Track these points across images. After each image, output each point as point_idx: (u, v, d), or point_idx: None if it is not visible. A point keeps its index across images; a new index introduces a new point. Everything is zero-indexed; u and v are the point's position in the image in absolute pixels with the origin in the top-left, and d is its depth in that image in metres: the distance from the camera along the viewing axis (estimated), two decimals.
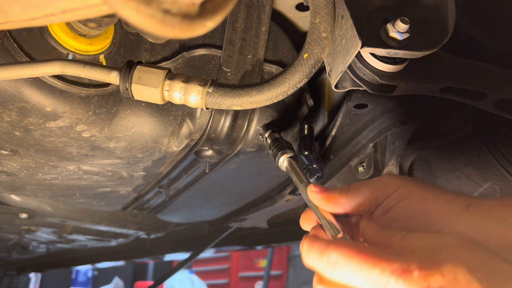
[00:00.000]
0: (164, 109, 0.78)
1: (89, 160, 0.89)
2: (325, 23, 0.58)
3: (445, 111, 0.94)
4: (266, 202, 1.30)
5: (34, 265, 3.24)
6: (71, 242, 2.13)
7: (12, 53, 0.63)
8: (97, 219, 1.62)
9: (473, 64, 0.64)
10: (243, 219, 1.55)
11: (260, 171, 1.05)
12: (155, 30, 0.26)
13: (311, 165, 0.93)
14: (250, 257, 5.06)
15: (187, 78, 0.61)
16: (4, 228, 1.82)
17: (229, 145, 0.85)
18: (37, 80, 0.66)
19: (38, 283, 5.01)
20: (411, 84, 0.62)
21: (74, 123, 0.72)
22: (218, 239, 1.98)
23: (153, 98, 0.61)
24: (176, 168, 1.02)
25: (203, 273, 5.44)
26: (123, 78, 0.60)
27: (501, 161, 0.86)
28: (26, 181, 1.03)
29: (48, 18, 0.30)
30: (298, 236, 1.82)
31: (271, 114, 0.83)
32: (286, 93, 0.62)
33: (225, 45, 0.77)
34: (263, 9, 0.78)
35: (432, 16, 0.61)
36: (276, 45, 0.84)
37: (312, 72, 0.61)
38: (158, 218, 1.61)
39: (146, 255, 2.42)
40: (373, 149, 1.11)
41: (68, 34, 0.66)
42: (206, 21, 0.27)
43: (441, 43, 0.58)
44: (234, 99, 0.61)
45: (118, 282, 5.37)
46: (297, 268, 4.25)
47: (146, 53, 0.76)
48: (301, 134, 0.90)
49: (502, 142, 0.86)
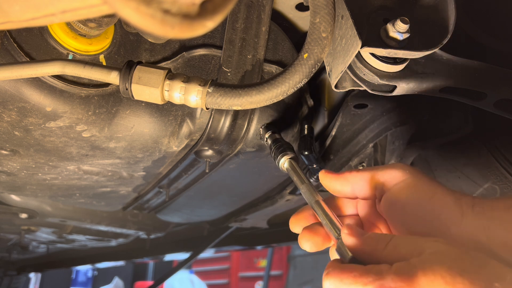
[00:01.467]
0: (164, 109, 0.78)
1: (89, 160, 0.89)
2: (325, 23, 0.58)
3: (445, 111, 0.94)
4: (266, 202, 1.30)
5: (34, 265, 3.24)
6: (71, 242, 2.13)
7: (12, 53, 0.63)
8: (97, 219, 1.62)
9: (473, 64, 0.64)
10: (243, 219, 1.55)
11: (260, 171, 1.05)
12: (155, 30, 0.26)
13: (311, 165, 0.93)
14: (250, 257, 5.06)
15: (187, 78, 0.61)
16: (4, 228, 1.82)
17: (229, 145, 0.85)
18: (37, 80, 0.66)
19: (38, 283, 5.01)
20: (411, 84, 0.62)
21: (74, 123, 0.72)
22: (218, 239, 1.98)
23: (153, 98, 0.61)
24: (176, 168, 1.02)
25: (203, 273, 5.45)
26: (123, 78, 0.60)
27: (501, 161, 0.86)
28: (26, 181, 1.03)
29: (48, 18, 0.30)
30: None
31: (271, 114, 0.83)
32: (286, 93, 0.62)
33: (225, 45, 0.77)
34: (263, 9, 0.78)
35: (432, 16, 0.61)
36: (276, 45, 0.84)
37: (312, 72, 0.61)
38: (158, 218, 1.61)
39: (146, 255, 2.42)
40: (373, 149, 1.11)
41: (68, 34, 0.66)
42: (206, 21, 0.27)
43: (441, 43, 0.58)
44: (234, 99, 0.61)
45: (118, 282, 5.37)
46: (297, 268, 4.25)
47: (146, 53, 0.76)
48: (301, 134, 0.90)
49: (502, 142, 0.86)
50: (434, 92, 0.64)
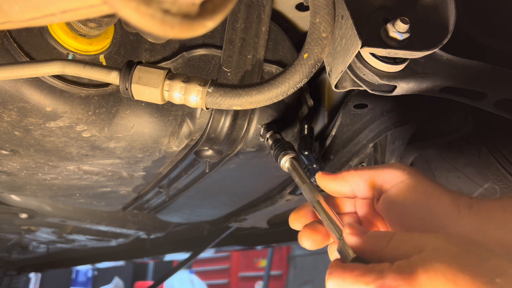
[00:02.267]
0: (164, 109, 0.78)
1: (89, 160, 0.89)
2: (325, 23, 0.58)
3: (445, 111, 0.94)
4: (266, 202, 1.30)
5: (34, 265, 3.24)
6: (71, 242, 2.13)
7: (12, 53, 0.63)
8: (97, 219, 1.62)
9: (473, 64, 0.64)
10: (243, 219, 1.55)
11: (260, 171, 1.05)
12: (155, 30, 0.26)
13: (311, 165, 0.93)
14: (250, 257, 5.06)
15: (187, 78, 0.61)
16: (4, 228, 1.82)
17: (229, 145, 0.85)
18: (37, 80, 0.66)
19: (38, 283, 5.01)
20: (411, 84, 0.62)
21: (74, 123, 0.72)
22: (218, 239, 1.98)
23: (153, 98, 0.61)
24: (176, 168, 1.02)
25: (203, 273, 5.44)
26: (123, 78, 0.60)
27: (501, 161, 0.86)
28: (26, 181, 1.03)
29: (48, 18, 0.30)
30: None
31: (271, 114, 0.83)
32: (286, 93, 0.62)
33: (225, 45, 0.77)
34: (263, 9, 0.78)
35: (432, 16, 0.61)
36: (276, 45, 0.84)
37: (312, 72, 0.61)
38: (158, 218, 1.61)
39: (146, 255, 2.42)
40: (373, 149, 1.11)
41: (68, 34, 0.66)
42: (206, 21, 0.27)
43: (441, 43, 0.58)
44: (234, 99, 0.61)
45: (118, 282, 5.37)
46: (297, 268, 4.25)
47: (146, 53, 0.76)
48: (301, 134, 0.90)
49: (502, 142, 0.86)
50: (434, 92, 0.64)
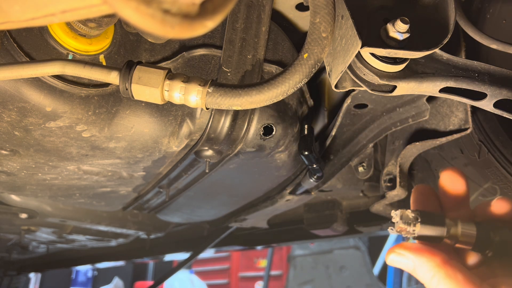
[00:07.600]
0: (164, 109, 0.78)
1: (89, 160, 0.89)
2: (325, 23, 0.58)
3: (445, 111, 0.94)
4: (266, 202, 1.30)
5: (34, 265, 3.24)
6: (71, 242, 2.13)
7: (12, 53, 0.63)
8: (97, 219, 1.62)
9: (473, 64, 0.64)
10: (243, 219, 1.55)
11: (260, 171, 1.05)
12: (155, 30, 0.26)
13: (311, 165, 0.93)
14: (250, 257, 5.06)
15: (187, 78, 0.61)
16: (4, 228, 1.82)
17: (229, 145, 0.85)
18: (37, 80, 0.66)
19: (38, 283, 5.01)
20: (411, 84, 0.62)
21: (74, 123, 0.72)
22: (218, 239, 1.97)
23: (153, 98, 0.61)
24: (176, 168, 1.02)
25: (203, 273, 5.45)
26: (123, 78, 0.60)
27: (501, 161, 0.86)
28: (26, 181, 1.03)
29: (48, 18, 0.30)
30: (298, 236, 1.82)
31: (271, 114, 0.83)
32: (286, 93, 0.62)
33: (225, 45, 0.77)
34: (263, 9, 0.78)
35: (432, 16, 0.61)
36: (276, 45, 0.84)
37: (312, 72, 0.61)
38: (158, 218, 1.60)
39: (146, 255, 2.42)
40: (373, 149, 1.11)
41: (68, 34, 0.66)
42: (206, 21, 0.27)
43: (441, 43, 0.58)
44: (234, 99, 0.61)
45: (118, 282, 5.37)
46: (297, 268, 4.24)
47: (146, 53, 0.76)
48: (301, 134, 0.90)
49: (502, 142, 0.86)
50: (434, 92, 0.64)
